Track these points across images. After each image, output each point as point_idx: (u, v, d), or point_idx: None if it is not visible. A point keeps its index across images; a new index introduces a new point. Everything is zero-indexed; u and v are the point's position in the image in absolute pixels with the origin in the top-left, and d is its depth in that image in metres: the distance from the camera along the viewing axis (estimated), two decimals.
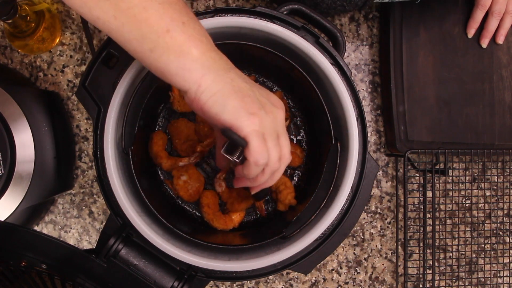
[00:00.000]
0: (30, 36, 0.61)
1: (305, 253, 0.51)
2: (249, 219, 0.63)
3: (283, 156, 0.42)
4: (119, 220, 0.50)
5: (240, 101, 0.38)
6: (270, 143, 0.40)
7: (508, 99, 0.69)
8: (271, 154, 0.41)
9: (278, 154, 0.41)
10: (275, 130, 0.41)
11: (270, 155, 0.41)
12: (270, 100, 0.41)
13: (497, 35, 0.68)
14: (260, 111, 0.39)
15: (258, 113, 0.39)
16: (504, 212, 0.72)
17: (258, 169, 0.41)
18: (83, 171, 0.67)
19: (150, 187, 0.59)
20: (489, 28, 0.67)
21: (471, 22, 0.68)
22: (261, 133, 0.39)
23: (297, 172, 0.64)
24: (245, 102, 0.38)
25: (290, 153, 0.43)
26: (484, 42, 0.68)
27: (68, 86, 0.67)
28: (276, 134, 0.41)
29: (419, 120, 0.67)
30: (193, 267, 0.49)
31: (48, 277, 0.40)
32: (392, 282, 0.71)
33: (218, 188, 0.61)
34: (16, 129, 0.56)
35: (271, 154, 0.41)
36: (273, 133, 0.40)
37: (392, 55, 0.66)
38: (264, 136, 0.40)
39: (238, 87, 0.39)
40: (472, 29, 0.68)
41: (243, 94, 0.39)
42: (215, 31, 0.52)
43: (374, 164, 0.53)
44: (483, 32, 0.68)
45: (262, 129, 0.39)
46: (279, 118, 0.41)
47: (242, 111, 0.38)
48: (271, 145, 0.40)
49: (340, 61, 0.52)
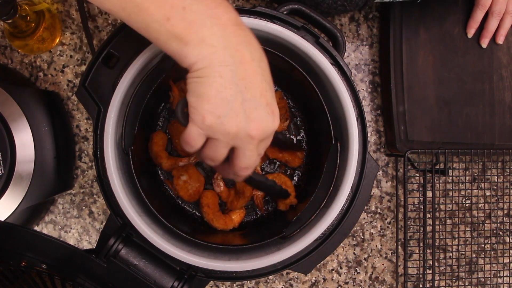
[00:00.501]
0: (30, 36, 0.60)
1: (305, 253, 0.51)
2: (249, 219, 0.63)
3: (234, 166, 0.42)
4: (119, 220, 0.50)
5: (211, 97, 0.37)
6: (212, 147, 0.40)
7: (508, 99, 0.69)
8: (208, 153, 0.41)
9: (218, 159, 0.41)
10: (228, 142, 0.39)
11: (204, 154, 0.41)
12: (250, 115, 0.38)
13: (497, 35, 0.68)
14: (220, 118, 0.37)
15: (216, 117, 0.37)
16: (504, 212, 0.72)
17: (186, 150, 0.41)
18: (83, 171, 0.67)
19: (150, 187, 0.58)
20: (489, 28, 0.67)
21: (471, 22, 0.68)
22: (204, 132, 0.38)
23: (297, 172, 0.64)
24: (213, 101, 0.37)
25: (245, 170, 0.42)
26: (484, 42, 0.68)
27: (68, 86, 0.67)
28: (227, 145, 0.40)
29: (419, 120, 0.67)
30: (193, 267, 0.49)
31: (48, 277, 0.40)
32: (392, 282, 0.71)
33: (217, 188, 0.61)
34: (16, 129, 0.56)
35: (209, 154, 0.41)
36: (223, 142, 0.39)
37: (392, 55, 0.66)
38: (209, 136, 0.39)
39: (221, 85, 0.37)
40: (472, 29, 0.68)
41: (221, 94, 0.37)
42: None
43: (374, 164, 0.53)
44: (483, 32, 0.68)
45: (209, 130, 0.38)
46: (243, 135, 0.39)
47: (203, 105, 0.37)
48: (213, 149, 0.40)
49: (340, 61, 0.52)
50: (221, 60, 0.36)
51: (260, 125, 0.39)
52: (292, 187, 0.60)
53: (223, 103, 0.37)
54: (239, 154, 0.41)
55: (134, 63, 0.49)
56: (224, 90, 0.37)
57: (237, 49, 0.37)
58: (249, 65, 0.38)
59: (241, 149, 0.40)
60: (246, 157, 0.41)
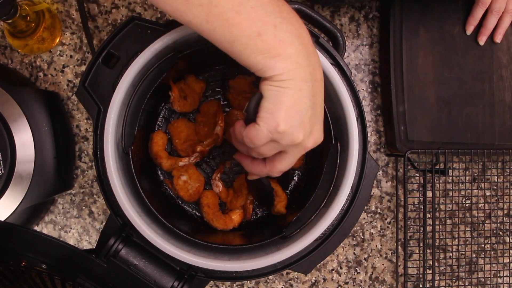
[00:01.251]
0: (30, 36, 0.61)
1: (305, 253, 0.51)
2: (249, 219, 0.63)
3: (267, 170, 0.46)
4: (119, 220, 0.50)
5: (286, 107, 0.39)
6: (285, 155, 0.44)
7: (508, 99, 0.69)
8: (263, 150, 0.43)
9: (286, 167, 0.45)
10: (297, 150, 0.43)
11: (262, 150, 0.43)
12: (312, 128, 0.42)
13: (495, 33, 0.68)
14: (292, 128, 0.40)
15: (289, 126, 0.40)
16: (504, 212, 0.72)
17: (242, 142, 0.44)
18: (83, 171, 0.67)
19: (150, 187, 0.58)
20: (487, 25, 0.67)
21: (470, 19, 0.68)
22: (268, 135, 0.40)
23: (297, 172, 0.64)
24: (288, 111, 0.39)
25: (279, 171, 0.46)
26: (481, 39, 0.68)
27: (68, 86, 0.67)
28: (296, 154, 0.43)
29: (419, 120, 0.67)
30: (193, 267, 0.49)
31: (48, 277, 0.40)
32: (392, 282, 0.71)
33: (215, 189, 0.61)
34: (16, 129, 0.56)
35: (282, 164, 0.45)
36: (294, 150, 0.43)
37: (392, 55, 0.66)
38: (278, 145, 0.42)
39: (299, 98, 0.39)
40: (471, 26, 0.68)
41: (296, 106, 0.39)
42: None
43: (374, 164, 0.53)
44: (481, 30, 0.68)
45: (278, 137, 0.40)
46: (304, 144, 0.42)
47: (277, 113, 0.39)
48: (286, 158, 0.44)
49: (340, 61, 0.52)
50: (302, 76, 0.39)
51: (316, 139, 0.43)
52: (283, 196, 0.60)
53: (298, 115, 0.39)
54: (285, 158, 0.44)
55: (134, 63, 0.49)
56: (301, 103, 0.39)
57: (314, 68, 0.40)
58: (319, 84, 0.42)
59: (290, 154, 0.44)
60: (290, 163, 0.45)
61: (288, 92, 0.39)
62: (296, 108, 0.39)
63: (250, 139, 0.42)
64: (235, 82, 0.61)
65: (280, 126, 0.39)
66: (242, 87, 0.61)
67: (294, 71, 0.39)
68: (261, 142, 0.41)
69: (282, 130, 0.39)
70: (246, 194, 0.60)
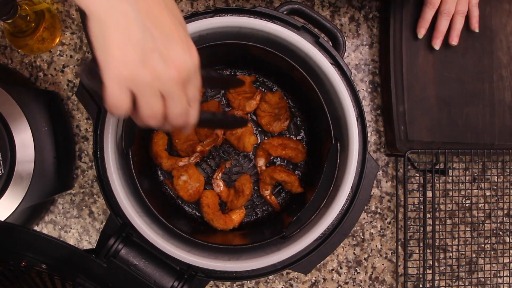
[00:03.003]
0: (30, 36, 0.61)
1: (305, 253, 0.51)
2: (249, 219, 0.63)
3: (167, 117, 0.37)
4: (119, 220, 0.50)
5: (118, 45, 0.33)
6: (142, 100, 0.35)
7: (508, 99, 0.69)
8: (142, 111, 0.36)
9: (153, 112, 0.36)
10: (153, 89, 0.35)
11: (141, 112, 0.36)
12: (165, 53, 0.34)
13: (450, 36, 0.66)
14: (135, 65, 0.33)
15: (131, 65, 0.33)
16: (504, 212, 0.72)
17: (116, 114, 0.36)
18: (83, 171, 0.67)
19: (150, 187, 0.59)
20: (439, 28, 0.65)
21: (420, 21, 0.65)
22: (125, 86, 0.34)
23: (297, 172, 0.64)
24: (122, 48, 0.33)
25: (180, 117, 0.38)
26: (435, 43, 0.66)
27: (68, 86, 0.67)
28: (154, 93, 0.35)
29: (419, 120, 0.67)
30: (193, 267, 0.49)
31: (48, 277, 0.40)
32: (392, 282, 0.71)
33: (216, 188, 0.62)
34: (16, 129, 0.56)
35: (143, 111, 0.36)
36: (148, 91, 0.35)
37: (392, 55, 0.66)
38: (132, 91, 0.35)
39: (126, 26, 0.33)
40: (422, 29, 0.65)
41: (128, 37, 0.33)
42: (215, 31, 0.52)
43: (374, 164, 0.53)
44: (434, 33, 0.65)
45: (129, 83, 0.34)
46: (165, 77, 0.35)
47: (113, 57, 0.33)
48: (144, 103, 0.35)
49: (340, 61, 0.52)
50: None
51: (179, 64, 0.35)
52: (290, 178, 0.60)
53: (134, 48, 0.33)
54: (168, 102, 0.36)
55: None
56: (132, 32, 0.33)
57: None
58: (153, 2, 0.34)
59: (169, 95, 0.36)
60: (176, 103, 0.37)
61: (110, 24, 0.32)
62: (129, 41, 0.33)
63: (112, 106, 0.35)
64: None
65: (121, 70, 0.33)
66: (241, 87, 0.61)
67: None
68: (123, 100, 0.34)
69: (126, 74, 0.33)
70: (248, 195, 0.60)
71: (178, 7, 0.37)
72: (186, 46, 0.36)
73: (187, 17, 0.51)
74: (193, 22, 0.51)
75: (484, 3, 0.67)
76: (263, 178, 0.61)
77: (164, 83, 0.35)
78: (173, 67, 0.35)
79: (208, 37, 0.52)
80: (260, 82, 0.64)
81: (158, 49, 0.34)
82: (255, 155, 0.63)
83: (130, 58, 0.33)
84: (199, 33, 0.51)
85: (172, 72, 0.35)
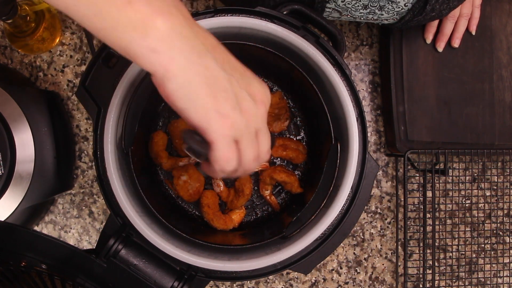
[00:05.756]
0: (30, 36, 0.61)
1: (305, 253, 0.51)
2: (249, 219, 0.63)
3: (259, 155, 0.38)
4: (119, 220, 0.50)
5: (212, 98, 0.33)
6: (244, 144, 0.36)
7: (508, 99, 0.69)
8: (244, 156, 0.37)
9: (254, 154, 0.37)
10: (251, 130, 0.36)
11: (243, 157, 0.37)
12: (251, 92, 0.35)
13: (452, 38, 0.67)
14: (235, 111, 0.34)
15: (231, 114, 0.34)
16: (504, 212, 0.72)
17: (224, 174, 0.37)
18: (83, 171, 0.67)
19: (150, 187, 0.59)
20: (444, 31, 0.66)
21: (428, 27, 0.66)
22: (231, 137, 0.35)
23: (297, 172, 0.64)
24: (217, 100, 0.33)
25: (268, 151, 0.39)
26: (439, 45, 0.67)
27: (68, 86, 0.67)
28: (253, 134, 0.36)
29: (419, 120, 0.67)
30: (193, 267, 0.49)
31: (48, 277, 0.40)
32: (392, 282, 0.71)
33: (216, 188, 0.61)
34: (16, 129, 0.56)
35: (245, 156, 0.37)
36: (248, 134, 0.36)
37: (392, 55, 0.66)
38: (236, 139, 0.35)
39: (213, 77, 0.33)
40: (430, 34, 0.66)
41: (218, 88, 0.33)
42: (215, 31, 0.52)
43: (374, 164, 0.53)
44: (439, 36, 0.67)
45: (234, 132, 0.34)
46: (258, 115, 0.36)
47: (212, 112, 0.33)
48: (246, 147, 0.36)
49: (340, 61, 0.52)
50: (198, 51, 0.32)
51: (262, 98, 0.36)
52: (290, 179, 0.60)
53: (228, 96, 0.33)
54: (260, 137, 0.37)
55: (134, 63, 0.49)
56: (220, 82, 0.33)
57: (204, 36, 0.34)
58: (220, 49, 0.35)
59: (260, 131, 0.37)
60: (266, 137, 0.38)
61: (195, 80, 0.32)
62: (218, 88, 0.33)
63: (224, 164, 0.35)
64: None
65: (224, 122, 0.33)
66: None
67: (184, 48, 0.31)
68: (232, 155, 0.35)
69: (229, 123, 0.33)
70: (248, 194, 0.60)
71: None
72: (258, 79, 0.37)
73: None
74: None
75: (484, 3, 0.67)
76: (263, 178, 0.61)
77: (258, 121, 0.36)
78: (261, 103, 0.36)
79: None
80: None
81: (245, 89, 0.35)
82: None
83: (228, 108, 0.33)
84: None
85: (261, 108, 0.36)
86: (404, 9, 0.54)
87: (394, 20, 0.57)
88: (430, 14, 0.56)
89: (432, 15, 0.56)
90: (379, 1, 0.52)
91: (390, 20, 0.57)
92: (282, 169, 0.61)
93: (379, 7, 0.54)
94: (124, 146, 0.50)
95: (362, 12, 0.55)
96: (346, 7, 0.55)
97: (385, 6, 0.53)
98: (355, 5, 0.54)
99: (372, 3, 0.53)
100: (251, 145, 0.36)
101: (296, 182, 0.60)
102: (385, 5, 0.53)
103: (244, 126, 0.35)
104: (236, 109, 0.34)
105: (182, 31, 0.32)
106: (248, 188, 0.60)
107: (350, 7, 0.55)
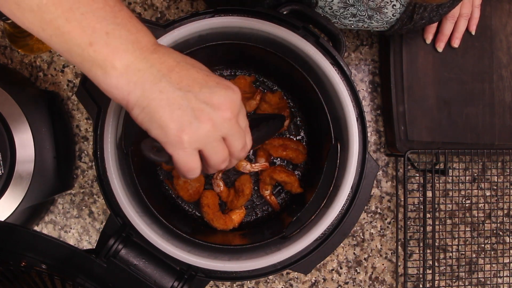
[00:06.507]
0: (30, 36, 0.61)
1: (305, 253, 0.51)
2: (249, 219, 0.63)
3: (233, 155, 0.41)
4: (119, 220, 0.50)
5: (169, 117, 0.36)
6: (208, 151, 0.39)
7: (508, 99, 0.69)
8: (211, 161, 0.39)
9: (222, 157, 0.40)
10: (215, 138, 0.38)
11: (210, 162, 0.39)
12: (212, 101, 0.37)
13: (452, 38, 0.67)
14: (191, 125, 0.37)
15: (187, 128, 0.36)
16: (504, 212, 0.72)
17: (197, 173, 0.40)
18: (83, 171, 0.67)
19: (150, 187, 0.58)
20: (444, 31, 0.66)
21: (427, 27, 0.66)
22: (191, 149, 0.37)
23: (297, 172, 0.64)
24: (173, 117, 0.36)
25: (243, 150, 0.41)
26: (439, 46, 0.67)
27: (68, 86, 0.67)
28: (218, 140, 0.39)
29: (419, 120, 0.67)
30: (193, 267, 0.49)
31: (48, 277, 0.40)
32: (392, 282, 0.71)
33: (216, 188, 0.61)
34: (16, 129, 0.56)
35: (211, 160, 0.39)
36: (212, 141, 0.38)
37: (392, 55, 0.66)
38: (199, 148, 0.38)
39: (168, 99, 0.36)
40: (430, 34, 0.67)
41: (173, 107, 0.36)
42: (215, 31, 0.52)
43: (374, 164, 0.53)
44: (438, 36, 0.67)
45: (192, 144, 0.37)
46: (222, 121, 0.38)
47: (168, 129, 0.36)
48: (210, 153, 0.39)
49: (340, 61, 0.52)
50: (152, 79, 0.36)
51: (227, 102, 0.38)
52: (290, 179, 0.60)
53: (184, 112, 0.36)
54: (230, 141, 0.40)
55: None
56: (174, 101, 0.36)
57: (161, 62, 0.37)
58: (178, 68, 0.38)
59: (229, 134, 0.39)
60: (237, 139, 0.40)
61: (154, 106, 0.36)
62: (177, 109, 0.36)
63: (188, 171, 0.38)
64: (235, 82, 0.61)
65: (183, 137, 0.36)
66: (242, 87, 0.61)
67: (140, 81, 0.36)
68: (194, 162, 0.38)
69: (188, 137, 0.36)
70: (248, 194, 0.60)
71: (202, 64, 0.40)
72: (223, 85, 0.39)
73: (187, 17, 0.51)
74: (193, 22, 0.51)
75: (484, 3, 0.67)
76: (263, 178, 0.61)
77: (223, 126, 0.38)
78: (224, 108, 0.38)
79: (208, 37, 0.52)
80: (260, 82, 0.64)
81: (203, 101, 0.37)
82: (255, 155, 0.63)
83: (185, 122, 0.36)
84: (199, 33, 0.51)
85: (225, 113, 0.38)
86: (392, 19, 0.55)
87: (384, 28, 0.58)
88: (420, 22, 0.57)
89: (422, 22, 0.57)
90: (367, 10, 0.53)
91: (380, 28, 0.58)
92: (282, 169, 0.61)
93: (368, 16, 0.55)
94: (124, 146, 0.50)
95: (352, 20, 0.57)
96: (335, 14, 0.56)
97: (374, 16, 0.55)
98: (344, 13, 0.55)
99: (360, 12, 0.54)
100: (216, 151, 0.39)
101: (296, 182, 0.60)
102: (373, 15, 0.54)
103: (204, 136, 0.37)
104: (193, 123, 0.37)
105: (138, 65, 0.36)
106: (248, 188, 0.60)
107: (339, 15, 0.56)
